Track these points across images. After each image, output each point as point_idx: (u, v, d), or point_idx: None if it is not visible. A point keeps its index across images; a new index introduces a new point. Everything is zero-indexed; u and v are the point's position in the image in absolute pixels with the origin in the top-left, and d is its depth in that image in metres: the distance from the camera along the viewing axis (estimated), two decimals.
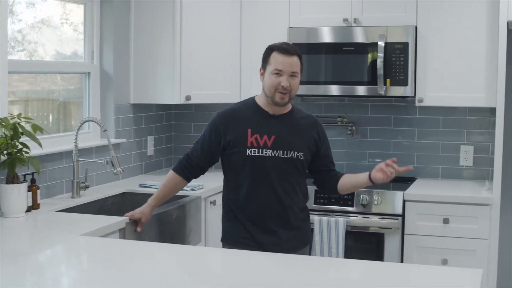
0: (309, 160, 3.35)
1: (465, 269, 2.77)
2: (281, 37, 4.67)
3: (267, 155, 3.25)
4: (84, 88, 4.55)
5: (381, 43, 4.47)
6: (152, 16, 4.72)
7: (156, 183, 4.45)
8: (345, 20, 4.61)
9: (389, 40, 4.49)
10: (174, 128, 5.37)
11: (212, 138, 3.34)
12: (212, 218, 4.41)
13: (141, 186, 4.45)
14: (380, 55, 4.46)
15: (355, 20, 4.60)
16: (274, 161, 3.26)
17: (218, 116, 3.36)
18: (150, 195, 4.34)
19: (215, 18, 4.81)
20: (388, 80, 4.50)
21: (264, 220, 3.30)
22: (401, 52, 4.48)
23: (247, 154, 3.25)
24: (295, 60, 3.22)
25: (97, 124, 4.10)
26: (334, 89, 4.64)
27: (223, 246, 3.42)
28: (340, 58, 4.61)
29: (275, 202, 3.29)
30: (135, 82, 4.79)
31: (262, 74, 3.28)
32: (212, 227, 4.41)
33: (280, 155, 3.26)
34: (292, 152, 3.27)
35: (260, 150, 3.25)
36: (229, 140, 3.29)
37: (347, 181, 3.39)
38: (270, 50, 3.26)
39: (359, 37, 4.57)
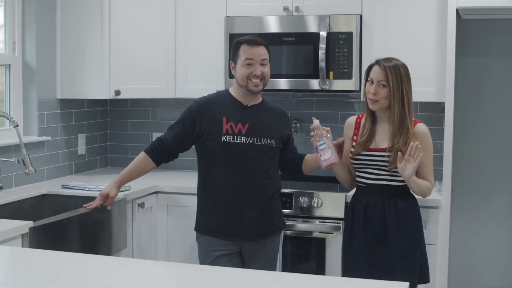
0: (279, 148, 3.50)
1: (391, 283, 2.46)
2: (218, 28, 4.37)
3: (242, 141, 3.38)
4: (5, 82, 4.22)
5: (323, 33, 4.14)
6: (80, 5, 4.37)
7: (80, 183, 4.13)
8: (286, 8, 4.27)
9: (332, 30, 4.16)
10: (110, 125, 5.02)
11: (186, 125, 3.43)
12: (140, 222, 4.08)
13: (64, 187, 4.12)
14: (322, 46, 4.13)
15: (296, 9, 4.26)
16: (248, 148, 3.39)
17: (194, 104, 3.47)
18: (73, 196, 4.05)
19: (148, 9, 4.46)
20: (331, 73, 4.17)
21: (237, 206, 3.39)
22: (345, 43, 4.16)
23: (222, 140, 3.37)
24: (262, 49, 3.39)
25: (7, 118, 3.76)
26: (275, 83, 4.30)
27: (197, 236, 3.51)
28: (280, 49, 4.26)
29: (249, 187, 3.39)
30: (62, 76, 4.44)
31: (233, 68, 3.43)
32: (140, 231, 4.08)
33: (254, 142, 3.39)
34: (265, 139, 3.42)
35: (235, 136, 3.38)
36: (204, 128, 3.39)
37: (312, 163, 3.57)
38: (238, 44, 3.40)
39: (301, 27, 4.23)
